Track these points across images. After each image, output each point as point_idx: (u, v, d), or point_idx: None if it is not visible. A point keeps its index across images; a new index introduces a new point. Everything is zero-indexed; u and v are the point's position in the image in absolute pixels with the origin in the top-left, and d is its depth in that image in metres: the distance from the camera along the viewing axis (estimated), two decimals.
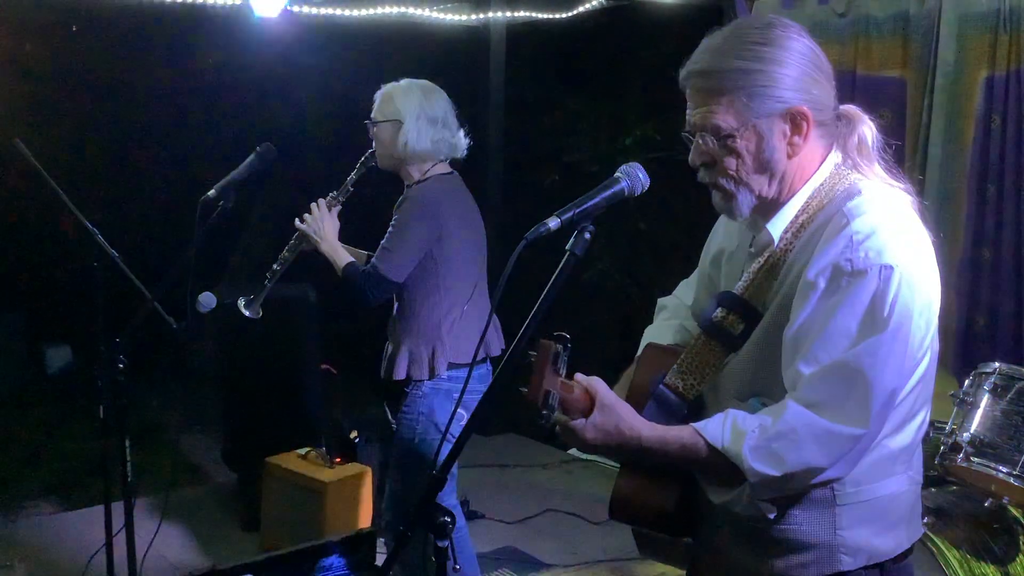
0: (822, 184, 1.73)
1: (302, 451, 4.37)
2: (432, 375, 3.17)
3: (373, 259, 3.13)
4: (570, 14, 6.00)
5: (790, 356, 1.66)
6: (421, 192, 3.16)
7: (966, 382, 2.97)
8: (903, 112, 4.08)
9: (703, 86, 1.71)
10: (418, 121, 3.16)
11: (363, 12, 5.62)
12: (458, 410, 2.30)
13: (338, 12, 5.57)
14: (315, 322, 4.91)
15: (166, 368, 6.82)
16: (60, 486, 5.43)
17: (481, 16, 5.89)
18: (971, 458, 2.82)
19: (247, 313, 3.26)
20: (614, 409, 1.71)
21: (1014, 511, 2.87)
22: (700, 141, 1.72)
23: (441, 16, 5.93)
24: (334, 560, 3.80)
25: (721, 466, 1.66)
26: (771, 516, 1.70)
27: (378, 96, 3.27)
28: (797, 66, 1.68)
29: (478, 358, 3.18)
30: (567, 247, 1.70)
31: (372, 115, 3.25)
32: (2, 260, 7.40)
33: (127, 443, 2.91)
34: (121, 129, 7.45)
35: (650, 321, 2.15)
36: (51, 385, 7.38)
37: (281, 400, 4.77)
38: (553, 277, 1.68)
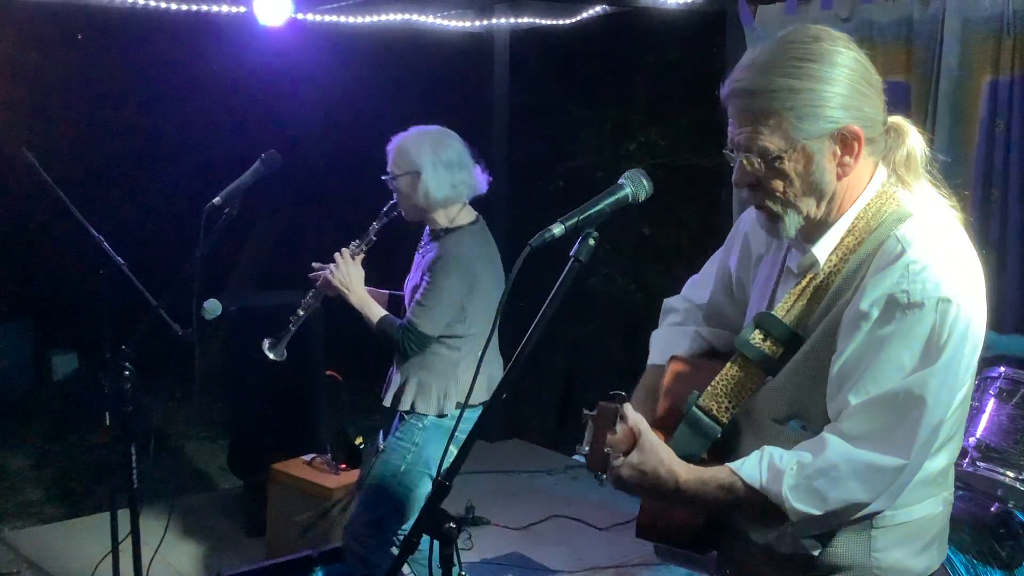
0: (870, 203, 1.67)
1: (307, 457, 4.37)
2: (440, 413, 3.18)
3: (410, 315, 3.14)
4: (573, 20, 6.01)
5: (837, 386, 1.61)
6: (455, 250, 3.16)
7: (971, 389, 2.96)
8: (907, 117, 4.07)
9: (748, 106, 1.63)
10: (435, 169, 3.16)
11: (367, 20, 5.63)
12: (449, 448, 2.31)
13: (342, 20, 5.59)
14: (320, 329, 4.91)
15: (172, 375, 6.84)
16: (66, 493, 5.44)
17: (485, 23, 5.91)
18: (977, 463, 2.81)
19: (271, 356, 3.31)
20: (655, 451, 1.68)
21: (1020, 516, 2.86)
22: (745, 162, 1.65)
23: (445, 23, 5.94)
24: (338, 568, 3.81)
25: (760, 505, 1.62)
26: (816, 553, 1.66)
27: (391, 150, 3.25)
28: (847, 83, 1.61)
29: (478, 401, 3.15)
30: (571, 253, 1.69)
31: (389, 169, 3.24)
32: (9, 268, 7.43)
33: (133, 450, 2.91)
34: (126, 137, 7.48)
35: (654, 325, 2.10)
36: (57, 392, 7.40)
37: (286, 407, 4.77)
38: (557, 283, 1.67)
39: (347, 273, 3.22)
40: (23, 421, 6.71)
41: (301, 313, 3.31)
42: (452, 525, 1.71)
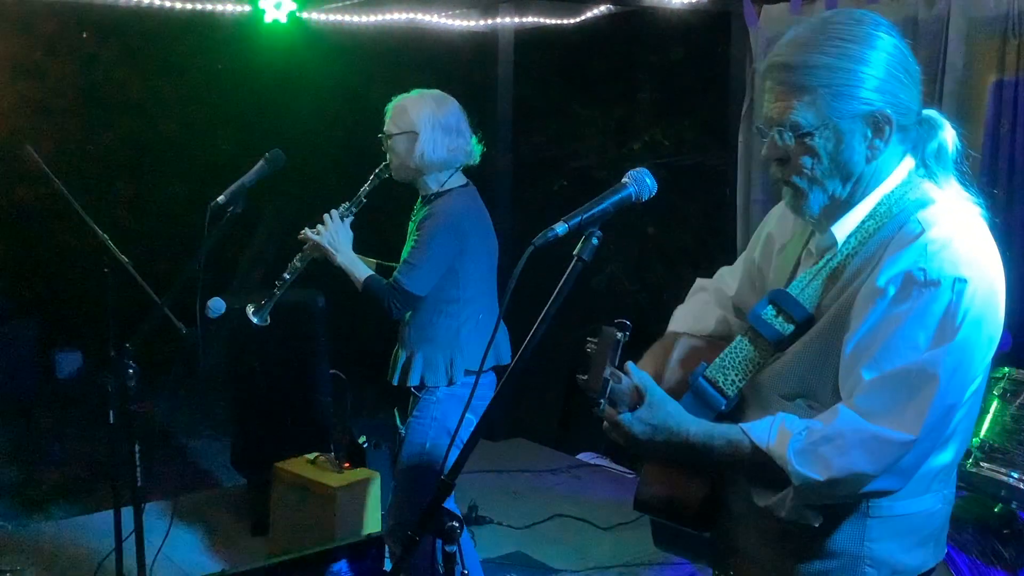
0: (894, 190, 1.67)
1: (311, 456, 4.37)
2: (450, 382, 3.18)
3: (396, 273, 3.12)
4: (578, 20, 6.01)
5: (851, 363, 1.61)
6: (444, 208, 3.16)
7: (983, 388, 2.96)
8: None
9: (785, 79, 1.64)
10: (433, 131, 3.15)
11: (372, 18, 5.64)
12: (466, 416, 2.31)
13: (347, 18, 5.59)
14: (324, 327, 4.91)
15: (176, 373, 6.85)
16: (70, 491, 5.45)
17: (489, 22, 5.91)
18: (981, 463, 2.81)
19: (255, 320, 3.26)
20: (663, 405, 1.70)
21: None
22: (776, 136, 1.66)
23: (449, 22, 5.95)
24: (342, 565, 3.81)
25: (765, 467, 1.62)
26: (816, 524, 1.65)
27: (390, 109, 3.25)
28: (885, 67, 1.62)
29: (489, 366, 3.19)
30: (575, 252, 1.69)
31: (385, 128, 3.23)
32: (13, 266, 7.44)
33: (137, 448, 2.92)
34: (131, 134, 7.49)
35: (658, 325, 2.11)
36: (61, 390, 7.41)
37: (290, 405, 4.78)
38: (561, 282, 1.67)
39: (335, 233, 3.19)
40: (27, 419, 6.72)
41: (287, 277, 3.26)
42: (455, 524, 1.71)
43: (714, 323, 2.00)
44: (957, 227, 1.61)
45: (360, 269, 3.18)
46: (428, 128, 3.15)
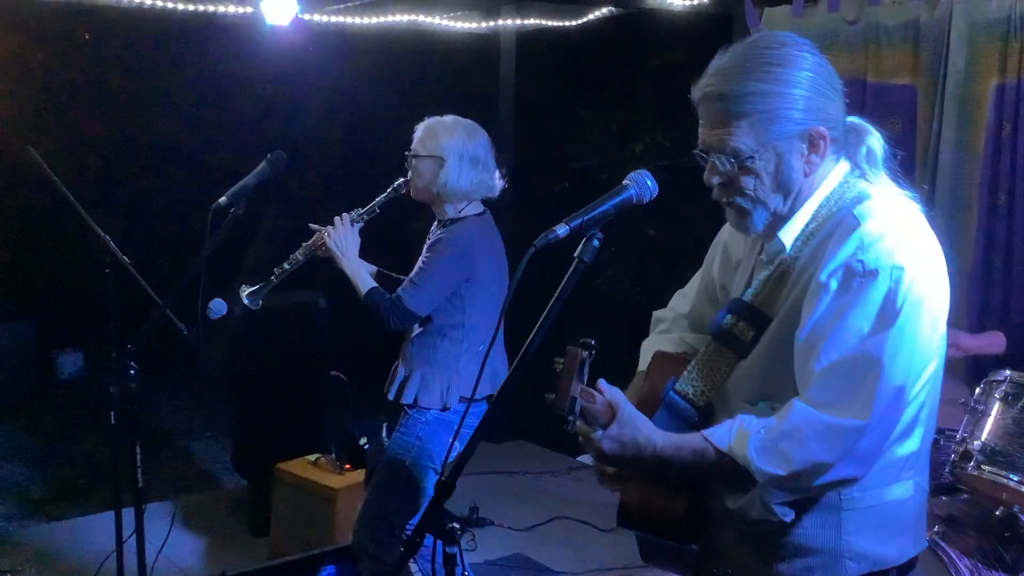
0: (832, 192, 1.74)
1: (312, 457, 4.38)
2: (444, 407, 3.17)
3: (400, 290, 3.12)
4: (580, 22, 6.01)
5: (803, 358, 1.67)
6: (457, 233, 3.15)
7: (977, 390, 2.96)
8: (913, 120, 4.08)
9: (720, 109, 1.71)
10: (460, 161, 3.14)
11: (374, 20, 5.64)
12: (453, 444, 2.31)
13: (349, 20, 5.60)
14: (325, 329, 4.92)
15: (177, 374, 6.85)
16: (71, 491, 5.45)
17: (491, 24, 5.91)
18: (982, 466, 2.81)
19: (246, 302, 3.24)
20: (632, 421, 1.72)
21: None
22: (716, 162, 1.72)
23: (451, 24, 5.95)
24: (342, 567, 3.82)
25: (730, 470, 1.66)
26: (788, 520, 1.70)
27: (420, 128, 3.23)
28: (812, 85, 1.69)
29: (481, 396, 3.17)
30: (576, 254, 1.70)
31: (413, 147, 3.21)
32: (15, 266, 7.45)
33: (138, 449, 2.92)
34: (133, 136, 7.50)
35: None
36: (62, 391, 7.42)
37: (291, 406, 4.78)
38: (562, 284, 1.68)
39: (344, 237, 3.19)
40: (28, 419, 6.73)
41: (286, 267, 3.26)
42: (455, 525, 1.71)
43: (672, 347, 2.05)
44: (892, 218, 1.67)
45: (363, 279, 3.18)
46: (456, 157, 3.14)
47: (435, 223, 3.28)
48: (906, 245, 1.64)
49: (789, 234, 1.75)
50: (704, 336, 1.98)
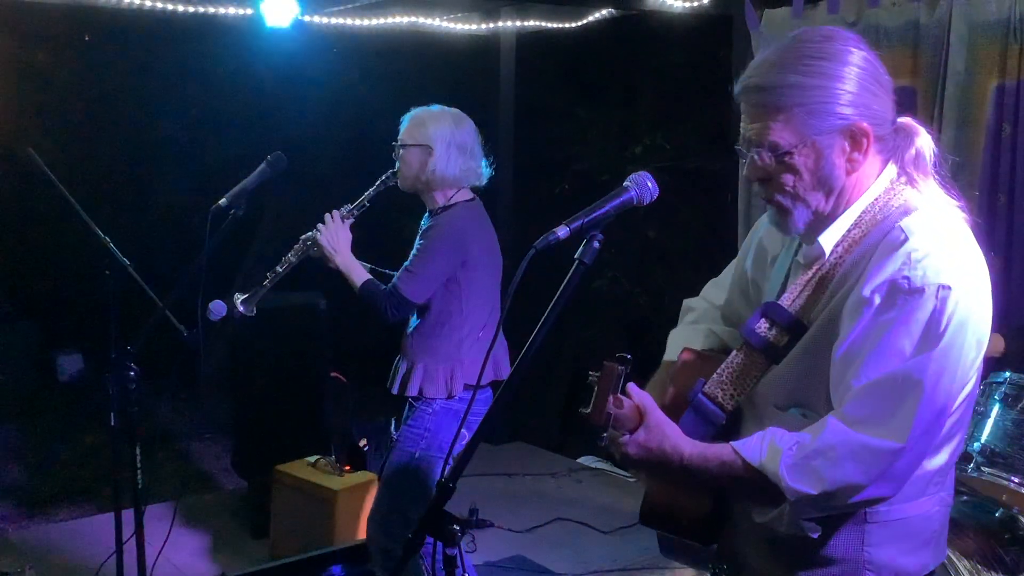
0: (877, 199, 1.69)
1: (311, 459, 4.37)
2: (449, 395, 3.17)
3: (395, 280, 3.12)
4: (580, 23, 6.01)
5: (840, 372, 1.62)
6: (449, 220, 3.16)
7: (977, 392, 2.96)
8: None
9: (760, 101, 1.67)
10: (448, 149, 3.15)
11: (374, 22, 5.64)
12: (461, 431, 2.31)
13: (349, 22, 5.60)
14: (325, 330, 4.92)
15: (177, 376, 6.85)
16: (71, 492, 5.45)
17: (491, 25, 5.91)
18: (982, 468, 2.81)
19: (241, 309, 3.23)
20: (660, 428, 1.70)
21: None
22: (755, 157, 1.69)
23: (451, 25, 5.95)
24: (341, 568, 3.82)
25: (760, 484, 1.63)
26: (815, 536, 1.66)
27: (407, 119, 3.23)
28: (857, 81, 1.64)
29: (488, 380, 3.18)
30: (576, 256, 1.69)
31: (400, 138, 3.22)
32: (15, 268, 7.45)
33: (138, 450, 2.91)
34: (133, 138, 7.50)
35: (659, 328, 2.13)
36: (62, 392, 7.42)
37: (291, 408, 4.78)
38: (562, 286, 1.67)
39: (335, 234, 3.18)
40: (28, 421, 6.73)
41: (279, 270, 3.25)
42: (455, 527, 1.71)
43: (701, 338, 2.01)
44: (940, 234, 1.62)
45: (358, 272, 3.17)
46: (443, 145, 3.15)
47: (426, 214, 3.28)
48: (953, 263, 1.59)
49: (830, 238, 1.70)
50: (734, 331, 1.95)
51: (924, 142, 1.73)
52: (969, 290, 1.60)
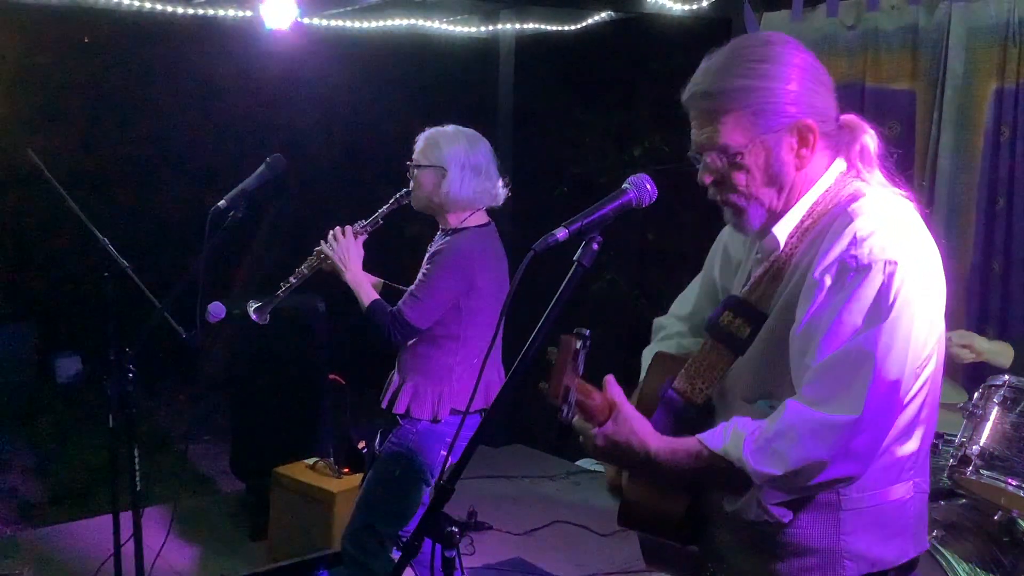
0: (828, 190, 1.75)
1: (310, 461, 4.37)
2: (434, 419, 3.16)
3: (400, 304, 3.11)
4: (579, 26, 6.02)
5: (799, 355, 1.67)
6: (458, 244, 3.13)
7: (975, 394, 2.96)
8: (912, 124, 4.08)
9: (707, 107, 1.73)
10: (462, 171, 3.14)
11: (373, 24, 5.64)
12: (448, 457, 2.31)
13: (348, 24, 5.60)
14: (324, 333, 4.92)
15: (175, 378, 6.85)
16: (69, 495, 5.45)
17: (490, 28, 5.92)
18: (980, 471, 2.80)
19: (254, 317, 3.24)
20: (629, 423, 1.73)
21: None
22: (708, 160, 1.74)
23: (450, 28, 5.96)
24: (340, 571, 3.81)
25: (726, 472, 1.66)
26: (786, 520, 1.70)
27: (421, 139, 3.22)
28: (799, 80, 1.71)
29: (480, 407, 3.16)
30: (575, 258, 1.71)
31: (414, 157, 3.21)
32: (13, 269, 7.44)
33: (136, 452, 2.91)
34: (132, 140, 7.50)
35: None
36: (61, 394, 7.41)
37: (289, 410, 4.78)
38: (561, 288, 1.68)
39: (347, 250, 3.19)
40: (26, 423, 6.72)
41: (293, 281, 3.25)
42: (454, 529, 1.71)
43: (673, 351, 2.05)
44: (886, 215, 1.67)
45: (366, 292, 3.17)
46: (457, 167, 3.13)
47: (439, 231, 3.28)
48: (900, 241, 1.64)
49: (783, 230, 1.76)
50: (700, 339, 1.97)
51: (868, 138, 1.79)
52: (917, 267, 1.64)
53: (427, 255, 3.19)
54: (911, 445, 1.74)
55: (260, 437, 4.76)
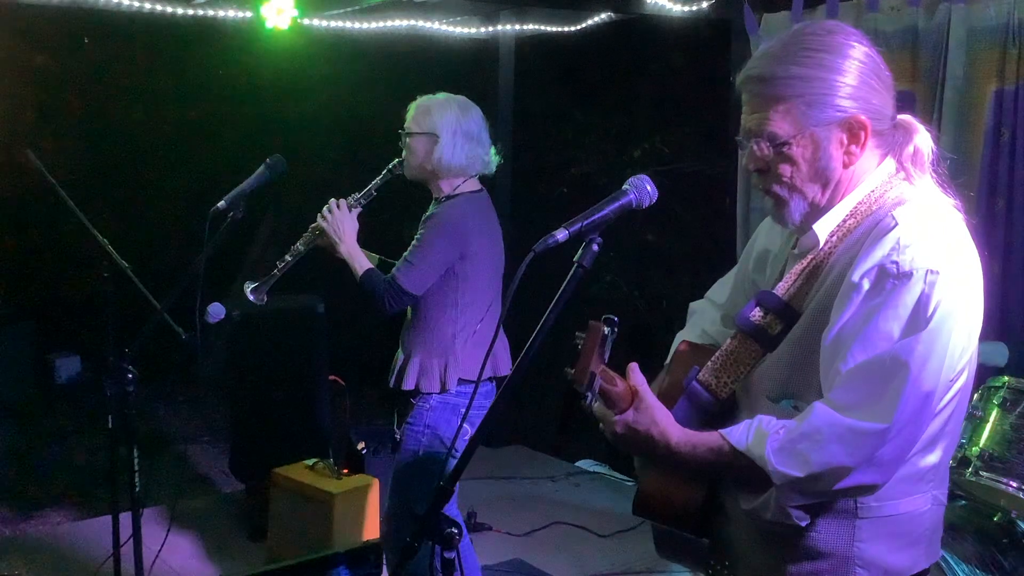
0: (873, 191, 1.71)
1: (309, 462, 4.37)
2: (443, 389, 3.16)
3: (394, 271, 3.11)
4: (579, 27, 6.01)
5: (829, 358, 1.63)
6: (450, 210, 3.14)
7: (975, 396, 2.96)
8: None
9: (760, 92, 1.69)
10: (454, 137, 3.14)
11: (373, 25, 5.64)
12: (463, 426, 2.32)
13: (348, 24, 5.60)
14: (323, 333, 4.92)
15: (175, 378, 6.85)
16: (68, 496, 5.44)
17: (490, 29, 5.91)
18: (980, 472, 2.81)
19: (251, 298, 3.23)
20: (650, 412, 1.71)
21: (1023, 526, 2.85)
22: (754, 147, 1.71)
23: (450, 29, 5.95)
24: (341, 572, 3.80)
25: (747, 469, 1.64)
26: (803, 524, 1.67)
27: (414, 107, 3.22)
28: (857, 74, 1.66)
29: (486, 376, 3.19)
30: (575, 259, 1.70)
31: (406, 126, 3.21)
32: (13, 270, 7.45)
33: (135, 453, 2.91)
34: (132, 140, 7.51)
35: (657, 333, 2.16)
36: (60, 395, 7.41)
37: (289, 411, 4.77)
38: (561, 289, 1.68)
39: (341, 222, 3.17)
40: (25, 423, 6.72)
41: (288, 259, 3.23)
42: (453, 530, 1.71)
43: (696, 337, 2.03)
44: (930, 223, 1.63)
45: (360, 261, 3.16)
46: (449, 133, 3.14)
47: (432, 201, 3.27)
48: (943, 250, 1.60)
49: (824, 228, 1.72)
50: (727, 331, 1.95)
51: (923, 140, 1.74)
52: (959, 278, 1.61)
53: (421, 222, 3.19)
54: (933, 457, 1.70)
55: (260, 438, 4.76)
